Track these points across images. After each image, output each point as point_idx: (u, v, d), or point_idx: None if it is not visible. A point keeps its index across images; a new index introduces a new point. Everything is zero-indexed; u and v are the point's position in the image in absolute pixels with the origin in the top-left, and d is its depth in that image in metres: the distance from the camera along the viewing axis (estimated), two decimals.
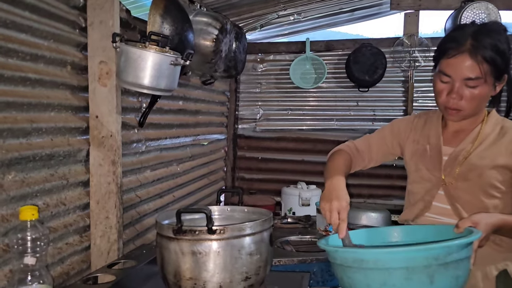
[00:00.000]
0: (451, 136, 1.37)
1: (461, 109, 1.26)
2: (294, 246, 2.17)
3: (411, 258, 0.97)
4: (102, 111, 1.61)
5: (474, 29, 1.25)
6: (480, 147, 1.30)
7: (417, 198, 1.39)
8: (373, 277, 1.00)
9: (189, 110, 2.64)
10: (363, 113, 3.42)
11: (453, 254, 0.98)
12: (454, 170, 1.31)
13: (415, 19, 3.26)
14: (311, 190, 3.08)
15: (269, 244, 1.40)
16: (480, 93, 1.23)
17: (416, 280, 0.97)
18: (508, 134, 1.29)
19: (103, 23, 1.59)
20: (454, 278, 1.00)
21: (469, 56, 1.21)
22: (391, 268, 0.98)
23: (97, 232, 1.62)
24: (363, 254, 1.02)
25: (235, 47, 2.58)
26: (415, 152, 1.42)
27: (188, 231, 1.28)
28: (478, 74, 1.21)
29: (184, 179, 2.54)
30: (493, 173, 1.27)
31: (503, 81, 1.27)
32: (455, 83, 1.24)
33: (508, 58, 1.25)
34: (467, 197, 1.29)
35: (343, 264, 1.05)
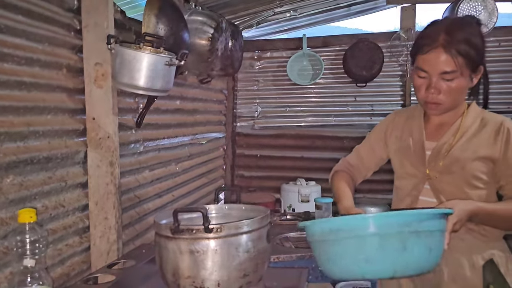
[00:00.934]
0: (433, 131, 1.40)
1: (440, 102, 1.28)
2: (293, 242, 2.19)
3: (384, 224, 1.01)
4: (99, 113, 1.62)
5: (447, 24, 1.28)
6: (462, 139, 1.32)
7: (405, 193, 1.42)
8: (348, 246, 1.04)
9: (186, 109, 2.65)
10: (361, 108, 3.42)
11: (424, 223, 1.02)
12: (438, 164, 1.33)
13: (411, 13, 3.26)
14: (310, 187, 3.09)
15: (267, 241, 1.41)
16: (458, 86, 1.26)
17: (390, 247, 1.01)
18: (488, 126, 1.31)
19: (97, 25, 1.60)
20: (427, 248, 1.03)
21: (443, 51, 1.23)
22: (366, 235, 1.02)
23: (97, 233, 1.64)
24: (339, 223, 1.07)
25: (231, 45, 2.58)
26: (398, 148, 1.45)
27: (185, 230, 1.29)
28: (453, 68, 1.23)
29: (183, 178, 2.55)
30: (476, 164, 1.29)
31: (479, 73, 1.30)
32: (432, 78, 1.26)
33: (482, 50, 1.28)
34: (452, 189, 1.32)
35: (320, 239, 1.09)
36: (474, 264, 1.31)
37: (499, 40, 3.16)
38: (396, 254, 1.00)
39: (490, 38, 3.12)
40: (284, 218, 2.67)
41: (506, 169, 1.29)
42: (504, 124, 1.29)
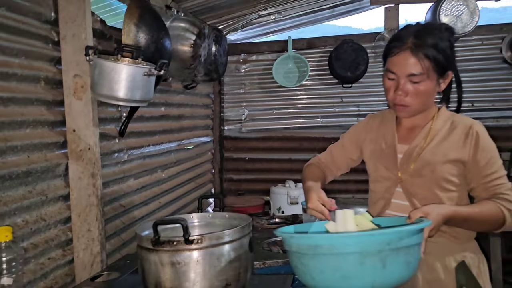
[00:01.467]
0: (405, 134, 1.41)
1: (407, 105, 1.30)
2: (281, 247, 2.19)
3: (364, 243, 1.00)
4: (79, 125, 1.61)
5: (417, 28, 1.31)
6: (432, 143, 1.34)
7: (378, 196, 1.43)
8: (327, 262, 1.02)
9: (172, 115, 2.65)
10: (347, 109, 3.44)
11: (404, 240, 1.01)
12: (409, 166, 1.35)
13: (395, 13, 3.28)
14: (299, 188, 3.10)
15: (249, 249, 1.41)
16: (425, 89, 1.28)
17: (369, 264, 1.00)
18: (457, 129, 1.33)
19: (76, 37, 1.59)
20: (405, 263, 1.04)
21: (410, 53, 1.26)
22: (345, 253, 1.00)
23: (80, 245, 1.63)
24: (318, 240, 1.05)
25: (215, 51, 2.58)
26: (373, 152, 1.47)
27: (166, 242, 1.29)
28: (420, 70, 1.26)
29: (170, 184, 2.55)
30: (446, 167, 1.31)
31: (447, 77, 1.33)
32: (400, 80, 1.29)
33: (450, 56, 1.30)
34: (423, 192, 1.33)
35: (298, 251, 1.07)
36: (447, 267, 1.32)
37: (482, 39, 3.19)
38: (376, 272, 1.00)
39: (473, 37, 3.16)
40: (273, 222, 2.68)
41: (476, 172, 1.30)
42: (473, 128, 1.31)
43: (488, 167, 1.29)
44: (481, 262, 1.38)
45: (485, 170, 1.29)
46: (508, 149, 3.07)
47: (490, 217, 1.27)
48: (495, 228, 1.31)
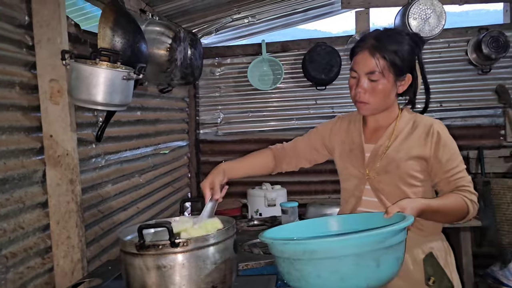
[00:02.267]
0: (371, 134, 1.49)
1: (367, 102, 1.39)
2: (261, 248, 2.20)
3: (360, 244, 1.03)
4: (56, 130, 1.58)
5: (379, 32, 1.41)
6: (396, 141, 1.42)
7: (349, 194, 1.49)
8: (323, 266, 1.03)
9: (148, 119, 2.63)
10: (322, 111, 3.49)
11: (395, 237, 1.05)
12: (376, 164, 1.42)
13: (365, 17, 3.36)
14: (276, 190, 3.13)
15: (234, 251, 1.42)
16: (382, 88, 1.37)
17: (364, 265, 1.03)
18: (419, 128, 1.42)
19: (51, 41, 1.56)
20: (395, 259, 1.08)
21: (368, 53, 1.36)
22: (342, 255, 1.02)
23: (60, 253, 1.60)
24: (314, 245, 1.05)
25: (190, 54, 2.58)
26: (342, 152, 1.53)
27: (151, 246, 1.29)
28: (375, 69, 1.35)
29: (148, 189, 2.52)
30: (409, 164, 1.39)
31: (405, 80, 1.41)
32: (360, 77, 1.38)
33: (409, 60, 1.39)
34: (389, 188, 1.40)
35: (291, 257, 1.07)
36: (416, 259, 1.39)
37: (448, 41, 3.31)
38: (370, 271, 1.04)
39: (440, 40, 3.28)
40: (252, 224, 2.69)
41: (439, 167, 1.39)
42: (434, 127, 1.40)
43: (450, 163, 1.38)
44: (448, 253, 1.45)
45: (447, 166, 1.38)
46: (475, 147, 3.20)
47: (456, 209, 1.35)
48: (460, 219, 1.39)
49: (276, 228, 1.32)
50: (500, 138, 3.29)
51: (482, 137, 3.29)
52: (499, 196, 2.79)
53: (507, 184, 2.79)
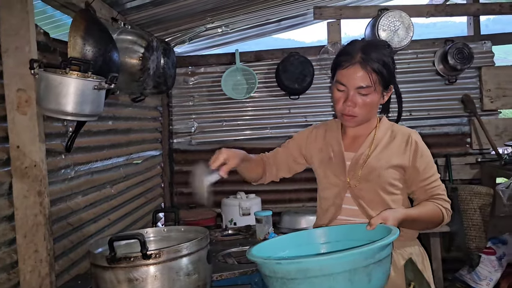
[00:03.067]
0: (350, 142, 1.51)
1: (355, 115, 1.40)
2: (236, 258, 2.19)
3: (354, 261, 1.03)
4: (24, 141, 1.54)
5: (363, 44, 1.41)
6: (376, 150, 1.45)
7: (329, 203, 1.50)
8: (318, 284, 1.03)
9: (120, 129, 2.59)
10: (295, 120, 3.52)
11: (384, 251, 1.07)
12: (357, 173, 1.44)
13: (337, 28, 3.42)
14: (250, 199, 3.13)
15: (207, 261, 1.41)
16: (371, 101, 1.39)
17: (357, 280, 1.03)
18: (397, 137, 1.46)
19: (19, 49, 1.53)
20: (385, 272, 1.10)
21: (360, 67, 1.36)
22: (335, 273, 1.02)
23: (26, 268, 1.54)
24: (308, 264, 1.05)
25: (163, 63, 2.56)
26: (321, 160, 1.54)
27: (122, 258, 1.26)
28: (368, 83, 1.36)
29: (120, 200, 2.48)
30: (389, 172, 1.42)
31: (389, 91, 1.45)
32: (349, 91, 1.38)
33: (392, 70, 1.42)
34: (370, 196, 1.43)
35: (285, 277, 1.05)
36: (396, 265, 1.41)
37: (416, 52, 3.41)
38: (363, 286, 1.05)
39: (408, 51, 3.38)
40: (226, 234, 2.67)
41: (415, 176, 1.43)
42: (412, 136, 1.45)
43: (426, 172, 1.42)
44: (424, 258, 1.49)
45: (424, 174, 1.42)
46: (443, 155, 3.30)
47: (433, 217, 1.40)
48: (435, 226, 1.45)
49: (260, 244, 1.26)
50: (466, 146, 3.41)
51: (449, 145, 3.39)
52: (466, 202, 2.88)
53: (473, 190, 2.88)
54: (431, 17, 3.36)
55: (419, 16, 3.33)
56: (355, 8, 3.42)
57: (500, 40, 3.45)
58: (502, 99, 3.36)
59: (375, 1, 3.89)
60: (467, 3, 3.56)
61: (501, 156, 3.14)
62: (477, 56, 3.28)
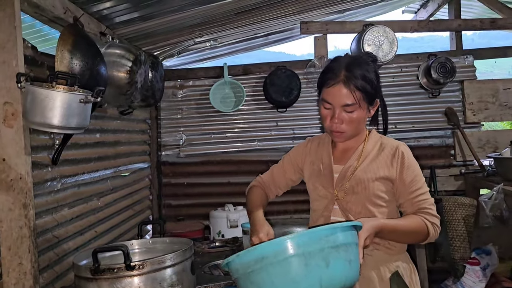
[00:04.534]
0: (340, 155, 1.54)
1: (343, 131, 1.43)
2: (222, 270, 2.20)
3: (306, 243, 1.07)
4: (9, 153, 1.55)
5: (347, 61, 1.44)
6: (364, 163, 1.47)
7: (318, 214, 1.53)
8: (275, 271, 1.07)
9: (107, 141, 2.60)
10: (283, 132, 3.57)
11: (341, 236, 1.11)
12: (344, 185, 1.47)
13: (323, 42, 3.49)
14: (238, 211, 3.14)
15: (191, 272, 1.43)
16: (358, 117, 1.42)
17: (314, 264, 1.06)
18: (385, 150, 1.48)
19: (6, 63, 1.55)
20: (347, 261, 1.12)
21: (343, 86, 1.39)
22: (289, 256, 1.06)
23: (10, 280, 1.54)
24: (262, 250, 1.09)
25: (151, 77, 2.59)
26: (312, 172, 1.57)
27: (106, 269, 1.28)
28: (353, 101, 1.39)
29: (107, 213, 2.48)
30: (376, 184, 1.44)
31: (375, 105, 1.48)
32: (335, 109, 1.41)
33: (377, 85, 1.45)
34: (357, 208, 1.45)
35: (246, 271, 1.10)
36: (382, 277, 1.43)
37: (401, 66, 3.49)
38: (321, 271, 1.07)
39: (393, 65, 3.45)
40: (213, 246, 2.68)
41: (403, 188, 1.44)
42: (399, 148, 1.47)
43: (413, 184, 1.44)
44: (412, 271, 1.50)
45: (411, 187, 1.43)
46: (428, 167, 3.35)
47: (415, 230, 1.40)
48: (420, 240, 1.44)
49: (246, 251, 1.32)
50: (450, 158, 3.47)
51: (433, 157, 3.46)
52: (450, 213, 2.93)
53: (457, 201, 2.93)
54: (414, 32, 3.45)
55: (403, 31, 3.41)
56: (341, 23, 3.50)
57: (481, 55, 3.55)
58: (484, 112, 3.44)
59: (360, 17, 3.98)
60: (449, 19, 3.66)
61: (484, 167, 3.20)
62: (460, 70, 3.37)
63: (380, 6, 3.72)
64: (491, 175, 3.04)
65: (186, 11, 2.52)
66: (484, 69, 8.14)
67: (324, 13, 3.45)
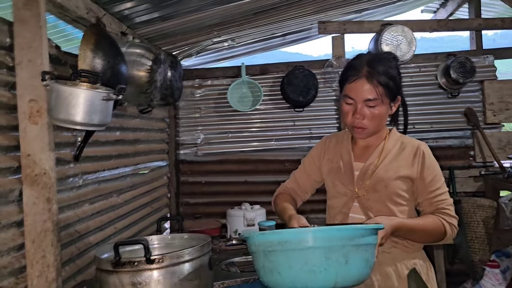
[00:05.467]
0: (360, 153, 1.54)
1: (365, 127, 1.44)
2: (238, 267, 2.23)
3: (330, 238, 1.09)
4: (34, 149, 1.60)
5: (369, 58, 1.45)
6: (385, 161, 1.47)
7: (336, 211, 1.54)
8: (295, 257, 1.09)
9: (127, 139, 2.65)
10: (300, 132, 3.57)
11: (364, 238, 1.12)
12: (365, 183, 1.47)
13: (341, 42, 3.48)
14: (255, 210, 3.16)
15: (209, 268, 1.45)
16: (379, 113, 1.42)
17: (334, 259, 1.08)
18: (406, 149, 1.48)
19: (31, 62, 1.60)
20: (364, 260, 1.13)
21: (366, 81, 1.40)
22: (313, 247, 1.08)
23: (34, 272, 1.59)
24: (288, 235, 1.11)
25: (170, 76, 2.63)
26: (331, 169, 1.58)
27: (127, 263, 1.31)
28: (375, 96, 1.40)
29: (126, 209, 2.53)
30: (397, 183, 1.44)
31: (397, 102, 1.48)
32: (357, 104, 1.42)
33: (398, 82, 1.46)
34: (377, 206, 1.45)
35: (266, 249, 1.12)
36: (400, 274, 1.43)
37: (419, 66, 3.46)
38: (339, 266, 1.08)
39: (411, 65, 3.43)
40: (230, 244, 2.71)
41: (422, 188, 1.45)
42: (420, 148, 1.47)
43: (433, 184, 1.44)
44: (429, 269, 1.51)
45: (430, 187, 1.44)
46: (446, 167, 3.31)
47: (432, 230, 1.41)
48: (437, 240, 1.45)
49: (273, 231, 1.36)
50: (470, 159, 3.42)
51: (452, 158, 3.41)
52: (469, 215, 2.89)
53: (476, 203, 2.89)
54: (433, 31, 3.41)
55: (422, 30, 3.38)
56: (358, 23, 3.49)
57: (502, 55, 3.49)
58: (505, 113, 3.38)
59: (378, 16, 3.96)
60: (469, 18, 3.61)
61: (505, 169, 3.15)
62: (479, 70, 3.32)
63: (398, 5, 3.69)
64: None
65: (205, 11, 2.55)
66: (505, 69, 7.98)
67: (342, 13, 3.44)
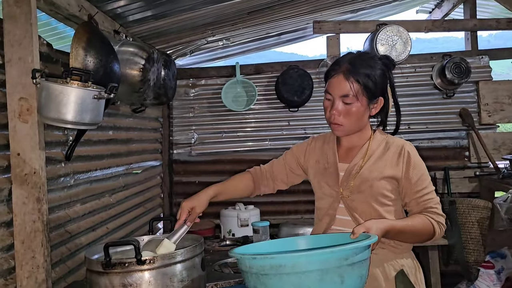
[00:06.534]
0: (345, 154, 1.54)
1: (341, 124, 1.43)
2: (232, 268, 2.21)
3: (325, 260, 1.06)
4: (24, 148, 1.57)
5: (353, 56, 1.46)
6: (369, 161, 1.47)
7: (323, 213, 1.52)
8: (289, 281, 1.06)
9: (120, 139, 2.62)
10: (294, 132, 3.55)
11: (359, 255, 1.09)
12: (350, 183, 1.46)
13: (336, 42, 3.46)
14: (249, 211, 3.14)
15: (202, 269, 1.43)
16: (356, 110, 1.42)
17: (329, 280, 1.05)
18: (391, 149, 1.47)
19: (22, 60, 1.57)
20: (359, 277, 1.11)
21: (343, 77, 1.40)
22: (307, 271, 1.05)
23: (23, 273, 1.56)
24: (281, 260, 1.07)
25: (164, 75, 2.61)
26: (317, 171, 1.57)
27: (117, 264, 1.29)
28: (349, 92, 1.39)
29: (118, 209, 2.50)
30: (382, 183, 1.43)
31: (377, 103, 1.47)
32: (335, 100, 1.42)
33: (381, 83, 1.44)
34: (363, 207, 1.45)
35: (258, 272, 1.09)
36: (388, 276, 1.42)
37: (415, 67, 3.45)
38: (335, 286, 1.06)
39: (407, 65, 3.42)
40: (223, 244, 2.69)
41: (408, 188, 1.44)
42: (405, 148, 1.46)
43: (419, 184, 1.43)
44: (417, 270, 1.50)
45: (417, 186, 1.43)
46: (441, 168, 3.31)
47: (422, 229, 1.40)
48: (426, 239, 1.44)
49: (246, 246, 1.33)
50: (465, 159, 3.42)
51: (448, 158, 3.41)
52: (464, 215, 2.88)
53: (471, 203, 2.88)
54: (429, 32, 3.41)
55: (417, 31, 3.38)
56: (354, 23, 3.48)
57: (497, 55, 3.50)
58: (500, 113, 3.39)
59: (373, 16, 3.95)
60: (464, 18, 3.61)
61: (499, 170, 3.15)
62: (475, 71, 3.32)
63: (394, 6, 3.69)
64: (507, 177, 2.98)
65: (199, 10, 2.53)
66: (500, 70, 8.03)
67: (337, 12, 3.43)
